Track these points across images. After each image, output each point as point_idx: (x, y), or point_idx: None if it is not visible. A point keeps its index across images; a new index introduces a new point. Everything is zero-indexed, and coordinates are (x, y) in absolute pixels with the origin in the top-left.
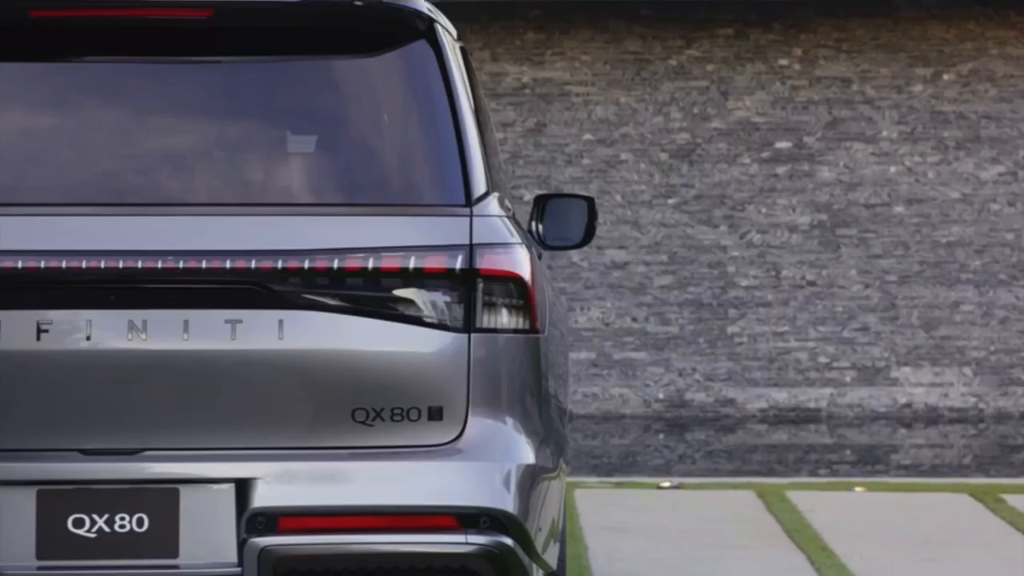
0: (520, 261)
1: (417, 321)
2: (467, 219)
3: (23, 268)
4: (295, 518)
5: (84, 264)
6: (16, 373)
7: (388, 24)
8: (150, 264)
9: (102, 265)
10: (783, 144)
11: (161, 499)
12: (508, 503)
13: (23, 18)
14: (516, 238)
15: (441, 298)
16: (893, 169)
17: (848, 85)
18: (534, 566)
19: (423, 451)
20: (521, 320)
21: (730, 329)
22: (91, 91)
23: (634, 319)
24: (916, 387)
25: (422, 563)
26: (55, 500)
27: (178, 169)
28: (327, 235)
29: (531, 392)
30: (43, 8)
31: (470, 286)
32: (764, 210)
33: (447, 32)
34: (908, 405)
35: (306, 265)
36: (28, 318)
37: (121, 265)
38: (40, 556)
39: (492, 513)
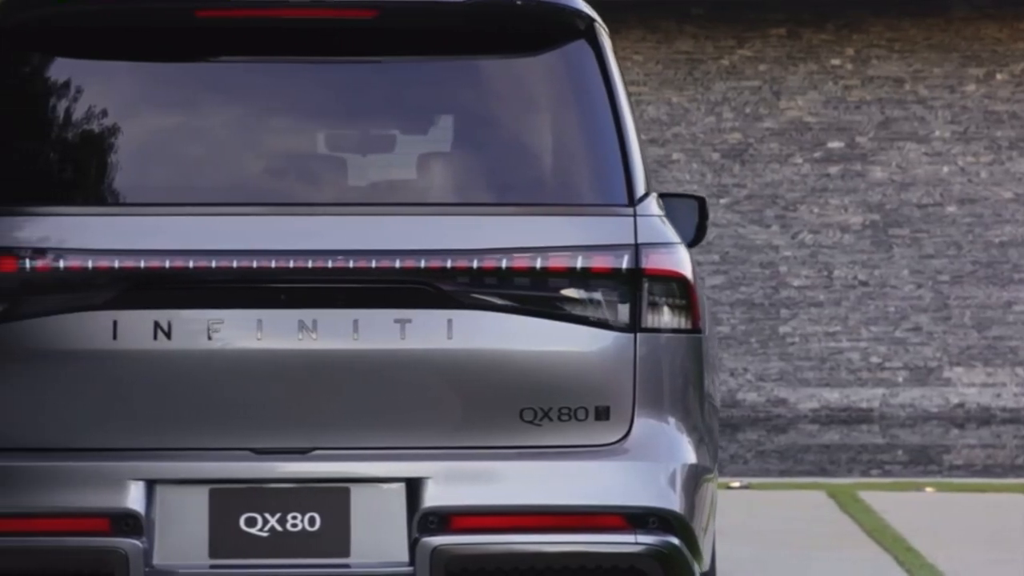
0: (683, 261)
1: (584, 321)
2: (631, 219)
3: (194, 268)
4: (466, 517)
5: (255, 264)
6: (188, 372)
7: (549, 24)
8: (320, 264)
9: (272, 265)
10: (835, 144)
11: (332, 498)
12: (675, 503)
13: (191, 19)
14: (677, 238)
15: (607, 298)
16: (946, 169)
17: (900, 85)
18: (696, 565)
19: (590, 451)
20: (684, 320)
21: (782, 329)
22: (257, 92)
23: None
24: (968, 387)
25: (591, 563)
26: (227, 499)
27: (346, 169)
28: (495, 234)
29: (693, 392)
30: (211, 9)
31: (635, 286)
32: (816, 210)
33: (605, 30)
34: (960, 405)
35: (475, 265)
36: (199, 318)
37: (291, 265)
38: (213, 555)
39: (660, 513)
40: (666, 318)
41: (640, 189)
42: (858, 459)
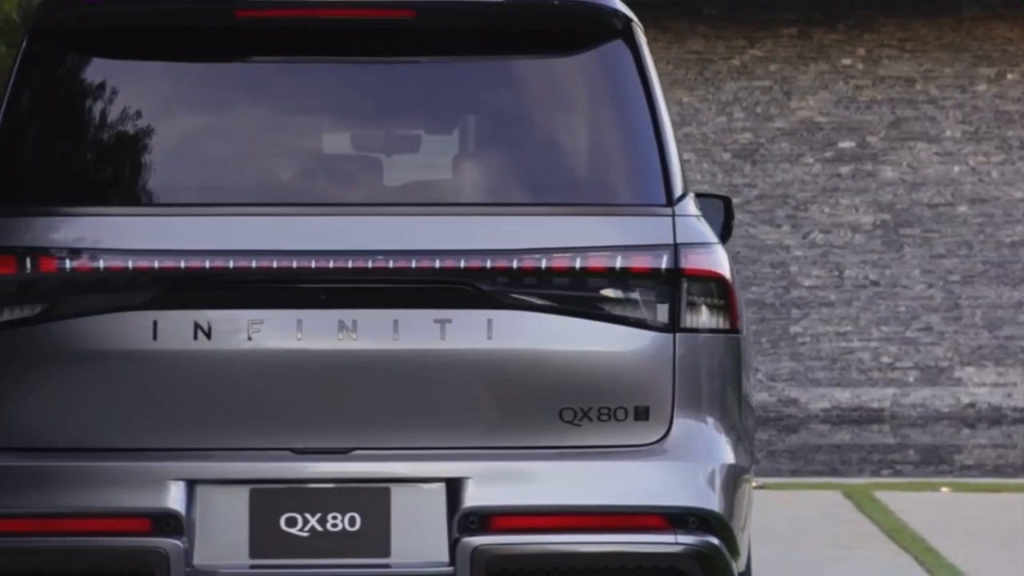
0: (722, 261)
1: (623, 321)
2: (669, 219)
3: (235, 268)
4: (507, 517)
5: (295, 264)
6: (228, 373)
7: (587, 23)
8: (360, 264)
9: (312, 265)
10: (846, 144)
11: (373, 498)
12: (715, 503)
13: (230, 19)
14: (715, 238)
15: (646, 298)
16: (957, 169)
17: (911, 85)
18: (734, 565)
19: (630, 451)
20: (722, 320)
21: (793, 329)
22: (294, 92)
23: None
24: (979, 387)
25: (631, 563)
26: (268, 499)
27: (384, 169)
28: (534, 235)
29: (731, 392)
30: (250, 9)
31: (674, 286)
32: (827, 210)
33: (641, 30)
34: (972, 405)
35: (515, 265)
36: (240, 318)
37: (331, 265)
38: (253, 555)
39: (700, 513)
40: (705, 318)
41: (678, 189)
42: (869, 459)
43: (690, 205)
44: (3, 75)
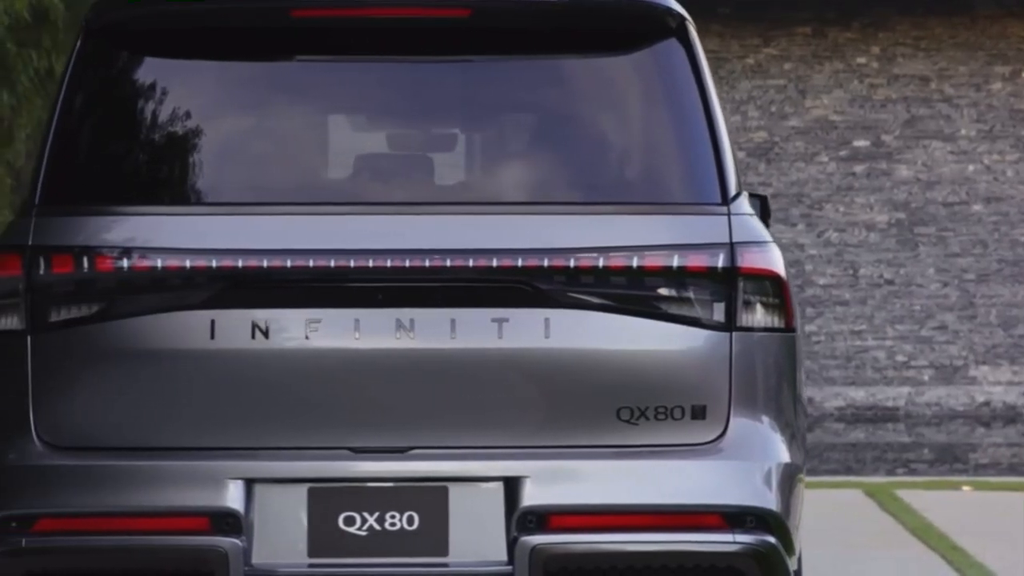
0: (777, 260)
1: (680, 319)
2: (725, 218)
3: (292, 267)
4: (565, 516)
5: (352, 263)
6: (286, 372)
7: (641, 22)
8: (417, 263)
9: (370, 264)
10: (861, 142)
11: (431, 497)
12: (772, 502)
13: (285, 19)
14: (770, 236)
15: (703, 296)
16: (971, 167)
17: (926, 83)
18: (790, 563)
19: (687, 450)
20: (778, 318)
21: (808, 328)
22: (349, 91)
23: None
24: (994, 386)
25: (689, 562)
26: (326, 498)
27: (439, 168)
28: (591, 233)
29: (787, 391)
30: (306, 8)
31: (731, 284)
32: (842, 208)
33: (694, 28)
34: (986, 404)
35: (572, 264)
36: (297, 317)
37: (389, 264)
38: (312, 554)
39: (758, 512)
40: (761, 317)
41: (732, 188)
42: (884, 457)
43: (745, 204)
44: (12, 74)
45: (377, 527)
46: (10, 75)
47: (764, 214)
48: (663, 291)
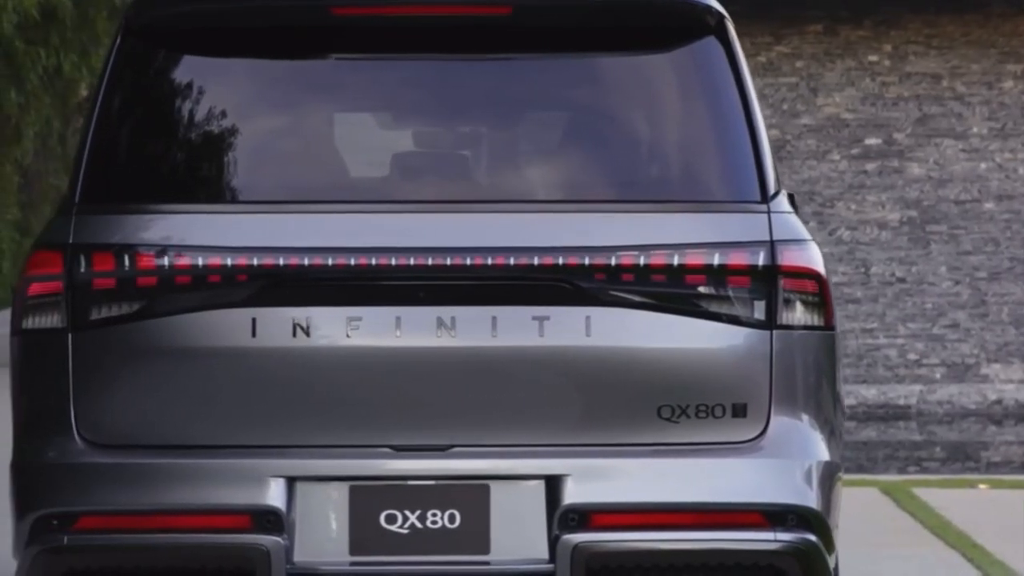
0: (817, 258)
1: (720, 318)
2: (765, 216)
3: (333, 265)
4: (607, 515)
5: (393, 261)
6: (327, 370)
7: (681, 20)
8: (458, 261)
9: (411, 262)
10: (873, 140)
11: (472, 495)
12: (813, 500)
13: (326, 17)
14: (809, 235)
15: (743, 295)
16: (983, 165)
17: (938, 81)
18: (830, 562)
19: (728, 448)
20: (818, 317)
21: None
22: (387, 89)
23: None
24: (1006, 384)
25: (730, 560)
26: (368, 496)
27: (478, 166)
28: (632, 231)
29: (826, 389)
30: (346, 6)
31: (771, 283)
32: (853, 207)
33: (733, 26)
34: (998, 402)
35: (613, 262)
36: (338, 316)
37: (430, 262)
38: (353, 552)
39: (799, 511)
40: (801, 315)
41: (772, 186)
42: (896, 456)
43: (784, 202)
44: (20, 73)
45: (418, 525)
46: (18, 73)
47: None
48: (704, 289)
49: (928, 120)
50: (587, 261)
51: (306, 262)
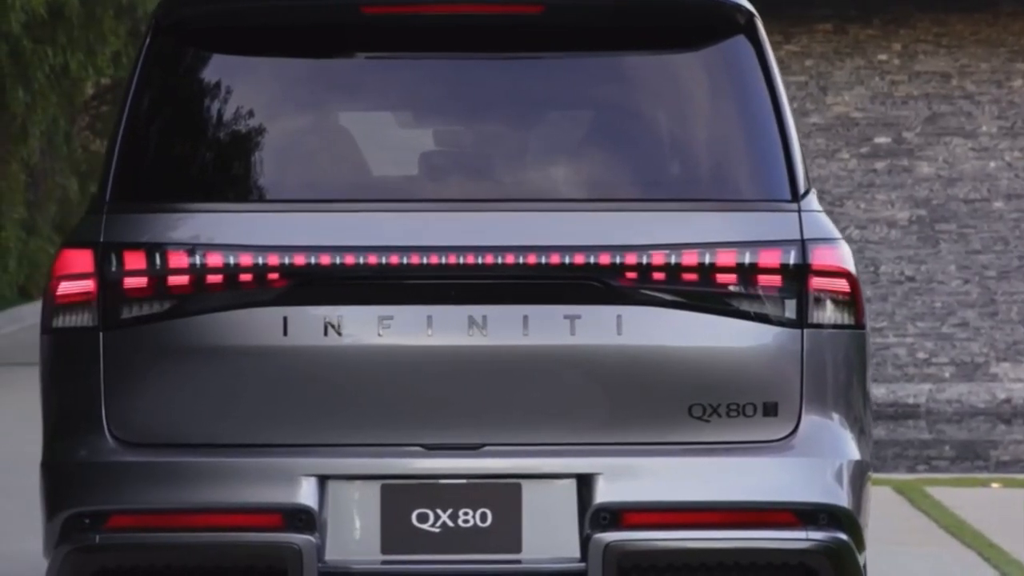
0: (847, 257)
1: (751, 316)
2: (796, 215)
3: (363, 264)
4: (639, 514)
5: (425, 260)
6: (359, 369)
7: (711, 19)
8: (490, 260)
9: (442, 261)
10: (882, 139)
11: (504, 494)
12: (844, 499)
13: (356, 15)
14: (839, 234)
15: (775, 294)
16: (993, 164)
17: (947, 80)
18: (861, 560)
19: (759, 447)
20: (848, 315)
21: None
22: (419, 87)
23: None
24: (1015, 383)
25: (762, 559)
26: (399, 495)
27: (510, 165)
28: (663, 230)
29: (857, 388)
30: (377, 5)
31: (802, 281)
32: (863, 205)
33: (762, 24)
34: (1007, 401)
35: (644, 260)
36: (370, 314)
37: (462, 261)
38: (385, 551)
39: (830, 510)
40: (832, 314)
41: (802, 185)
42: (905, 455)
43: (814, 201)
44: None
45: (450, 524)
46: (25, 72)
47: None
48: (735, 288)
49: (937, 119)
50: (619, 260)
51: (338, 261)
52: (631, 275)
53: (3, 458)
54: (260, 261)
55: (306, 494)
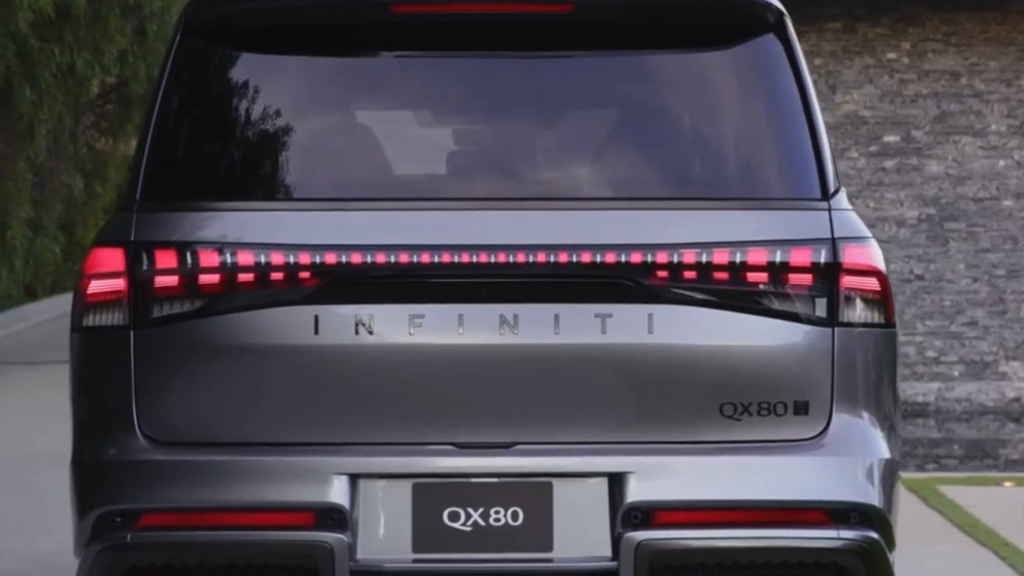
0: (877, 255)
1: (782, 315)
2: (826, 213)
3: (394, 262)
4: (670, 512)
5: (456, 259)
6: (390, 367)
7: (741, 17)
8: (521, 258)
9: (474, 260)
10: (891, 138)
11: (535, 493)
12: (875, 498)
13: (386, 14)
14: (869, 232)
15: (805, 292)
16: (1002, 163)
17: (957, 79)
18: (891, 559)
19: (789, 446)
20: (878, 314)
21: None
22: (449, 86)
23: None
24: None
25: (793, 558)
26: (431, 494)
27: (541, 164)
28: (693, 229)
29: (887, 386)
30: (407, 4)
31: (833, 280)
32: (872, 204)
33: (791, 23)
34: (1016, 399)
35: (675, 259)
36: (401, 313)
37: (493, 260)
38: (416, 549)
39: (862, 508)
40: (862, 312)
41: (832, 183)
42: (914, 453)
43: (844, 199)
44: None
45: (481, 523)
46: (32, 71)
47: None
48: (766, 287)
49: (946, 117)
50: (650, 259)
51: (369, 259)
52: (662, 274)
53: (9, 456)
54: (291, 260)
55: (338, 493)
